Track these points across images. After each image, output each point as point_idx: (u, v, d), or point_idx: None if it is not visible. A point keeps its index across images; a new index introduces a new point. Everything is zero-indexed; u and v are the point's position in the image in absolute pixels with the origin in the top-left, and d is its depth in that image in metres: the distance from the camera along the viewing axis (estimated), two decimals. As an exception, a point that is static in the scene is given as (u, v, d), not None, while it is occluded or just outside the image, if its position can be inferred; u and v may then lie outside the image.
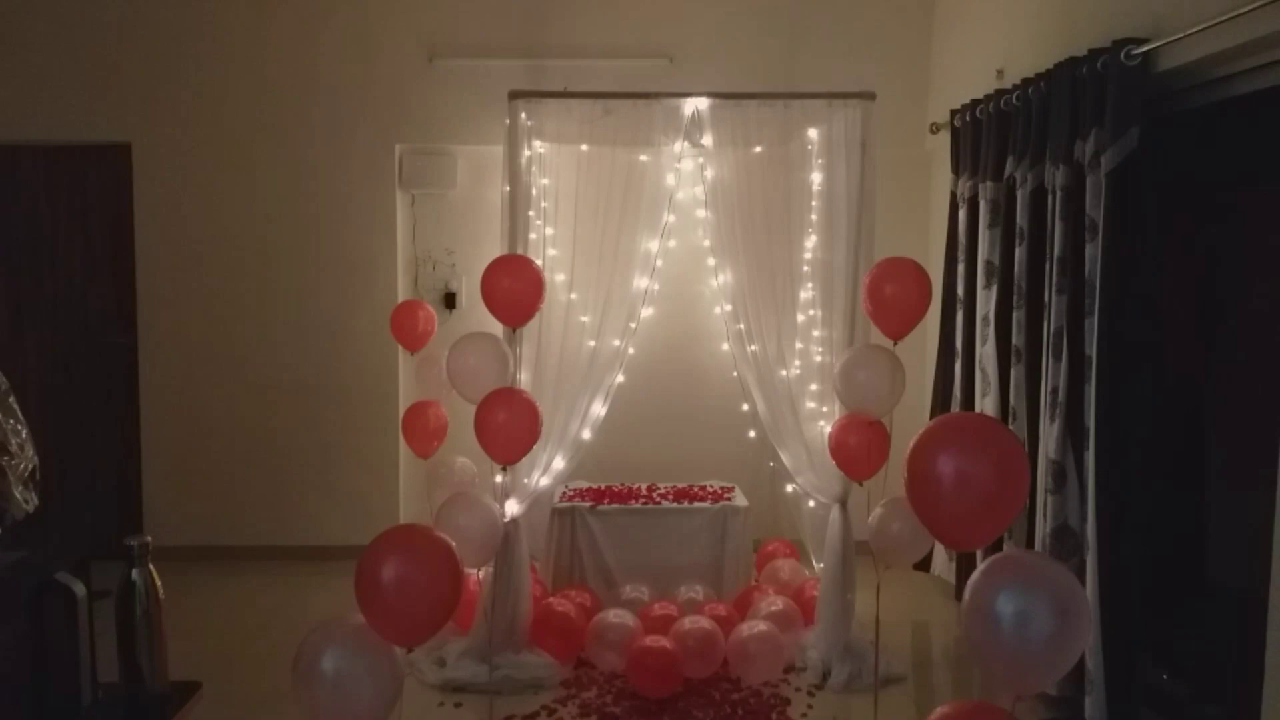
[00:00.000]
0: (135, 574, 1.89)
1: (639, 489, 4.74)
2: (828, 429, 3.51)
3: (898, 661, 3.96)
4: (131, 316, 5.26)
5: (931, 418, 4.95)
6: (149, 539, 1.91)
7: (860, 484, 3.35)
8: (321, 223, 5.26)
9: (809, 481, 4.03)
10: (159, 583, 1.93)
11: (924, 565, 5.05)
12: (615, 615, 3.96)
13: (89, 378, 5.30)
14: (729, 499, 4.57)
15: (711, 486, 4.77)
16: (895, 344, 3.18)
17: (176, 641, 2.04)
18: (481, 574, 3.98)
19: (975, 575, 1.73)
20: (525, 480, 3.85)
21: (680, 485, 4.78)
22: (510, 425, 3.07)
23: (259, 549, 5.27)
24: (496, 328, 3.67)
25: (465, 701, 3.65)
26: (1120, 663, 3.31)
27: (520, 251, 3.77)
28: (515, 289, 3.24)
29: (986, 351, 4.13)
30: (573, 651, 3.97)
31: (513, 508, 3.82)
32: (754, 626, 3.87)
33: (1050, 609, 1.67)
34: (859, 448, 3.24)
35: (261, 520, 5.30)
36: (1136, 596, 3.29)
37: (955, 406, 4.54)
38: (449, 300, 5.40)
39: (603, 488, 4.75)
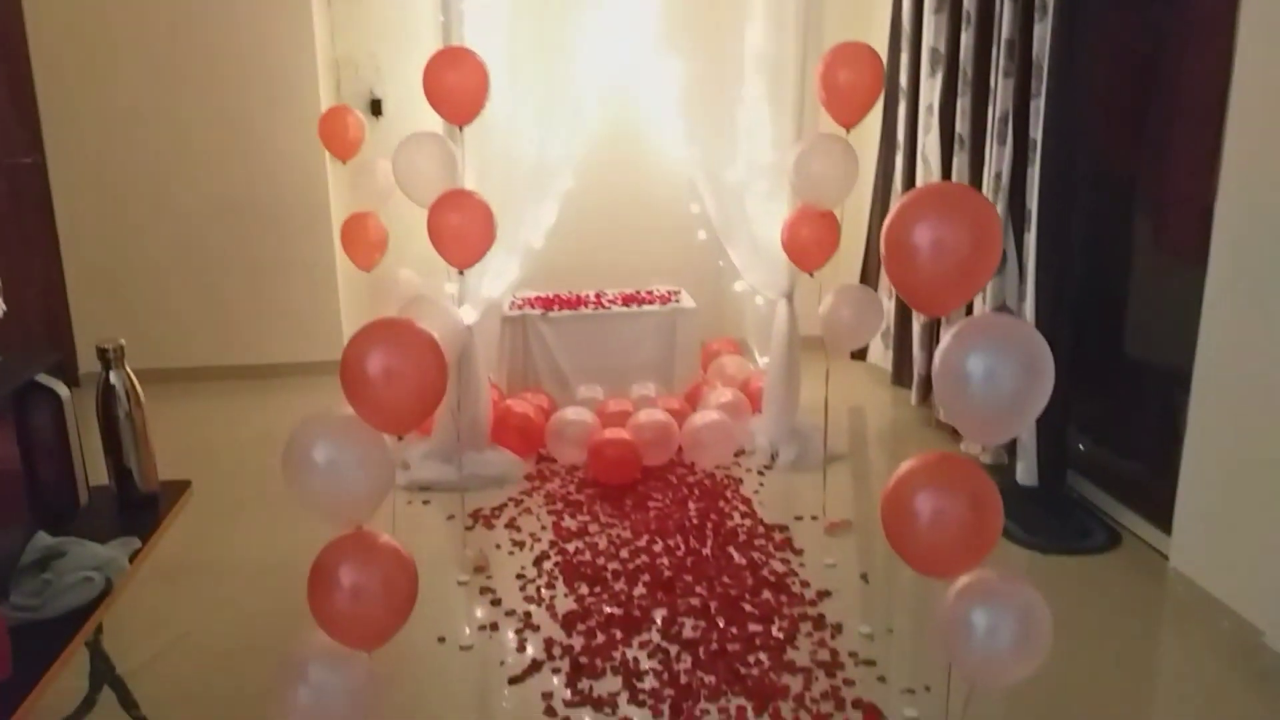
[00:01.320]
0: (113, 376, 1.87)
1: (587, 296, 4.77)
2: (777, 225, 3.54)
3: (839, 441, 4.20)
4: (37, 133, 4.91)
5: (872, 211, 5.02)
6: (122, 341, 1.87)
7: (811, 275, 3.42)
8: (233, 26, 4.89)
9: (757, 278, 4.11)
10: (138, 385, 1.91)
11: (861, 355, 5.28)
12: (574, 413, 4.08)
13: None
14: (676, 301, 4.64)
15: (659, 290, 4.83)
16: (848, 132, 3.18)
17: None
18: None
19: (945, 341, 1.82)
20: (476, 288, 3.83)
21: (628, 291, 4.82)
22: (464, 228, 3.02)
23: (201, 370, 5.20)
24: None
25: (433, 499, 3.78)
26: (1050, 432, 3.57)
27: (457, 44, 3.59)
28: (460, 83, 3.10)
29: (929, 140, 4.16)
30: (533, 449, 4.11)
31: (468, 315, 3.82)
32: (706, 416, 4.04)
33: (1018, 367, 1.78)
34: (811, 240, 3.29)
35: (201, 343, 5.21)
36: (1067, 371, 3.51)
37: (894, 199, 4.61)
38: (374, 107, 5.16)
39: (551, 296, 4.77)
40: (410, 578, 1.96)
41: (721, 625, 2.85)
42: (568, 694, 2.54)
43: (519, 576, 3.17)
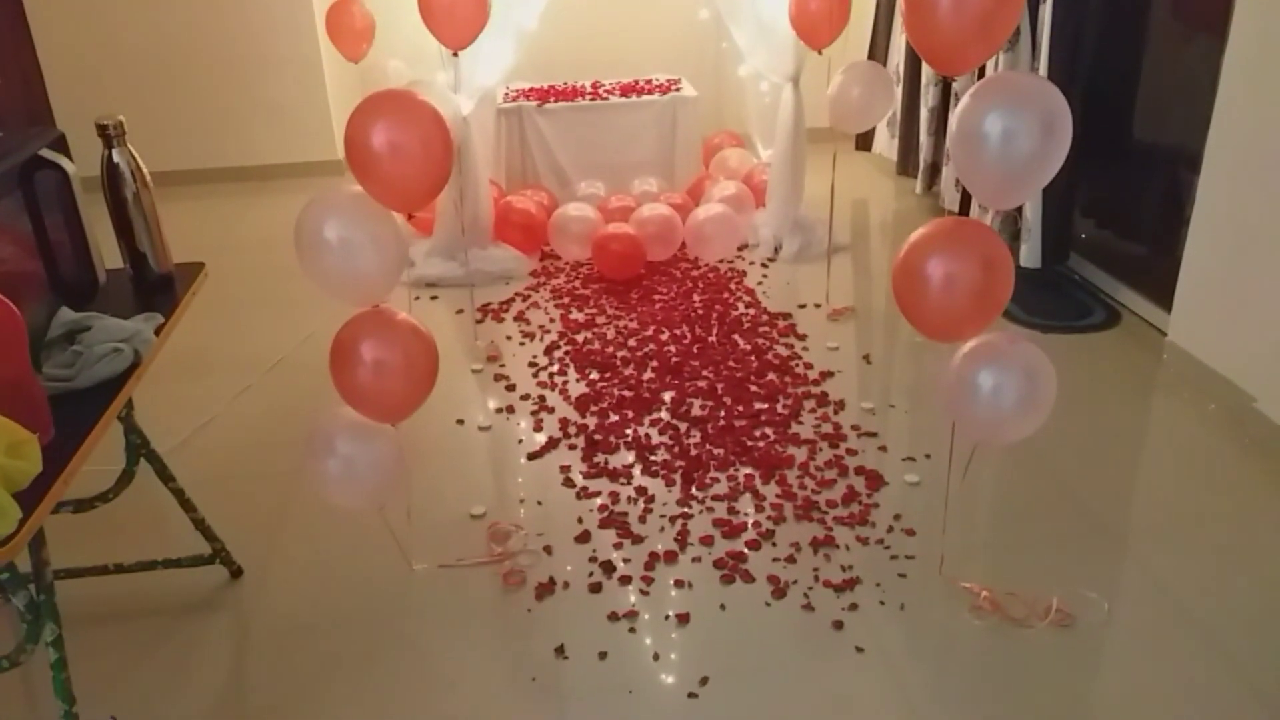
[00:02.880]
0: (116, 155, 1.83)
1: (583, 87, 4.61)
2: (784, 1, 3.37)
3: (842, 232, 4.18)
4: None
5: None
6: (121, 118, 1.82)
7: (819, 53, 3.30)
8: None
9: (762, 60, 3.96)
10: (142, 164, 1.87)
11: (866, 145, 5.17)
12: (576, 208, 4.04)
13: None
14: (677, 90, 4.49)
15: (658, 80, 4.66)
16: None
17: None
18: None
19: (964, 101, 1.78)
20: (470, 76, 3.69)
21: (626, 81, 4.66)
22: (457, 4, 2.87)
23: (191, 173, 5.09)
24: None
25: (441, 295, 3.80)
26: (1057, 213, 3.55)
27: None
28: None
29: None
30: (536, 246, 4.10)
31: (464, 105, 3.71)
32: (709, 209, 4.00)
33: (1037, 125, 1.74)
34: (820, 12, 3.15)
35: (188, 145, 5.06)
36: (1076, 152, 3.44)
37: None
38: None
39: (546, 87, 4.61)
40: (430, 352, 2.01)
41: (728, 404, 2.94)
42: (584, 467, 2.66)
43: (531, 364, 3.24)
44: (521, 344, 3.40)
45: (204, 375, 3.22)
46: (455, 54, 3.07)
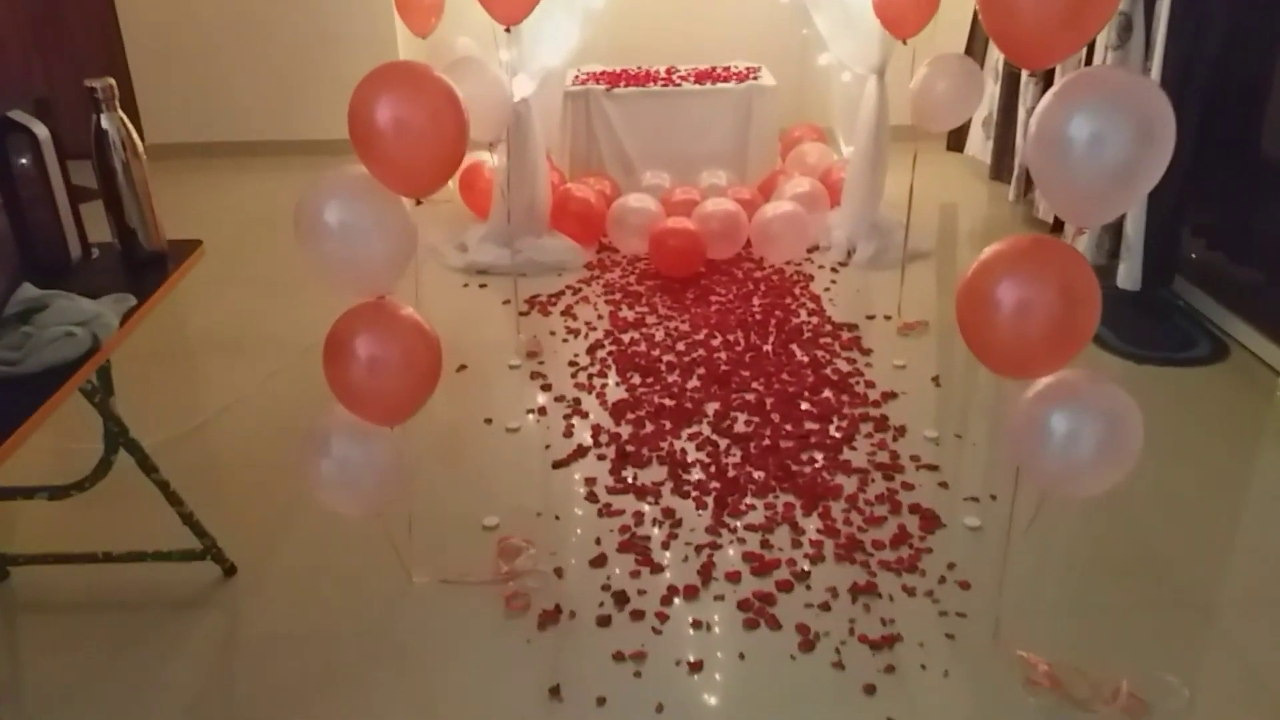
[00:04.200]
0: (105, 120, 1.69)
1: (657, 72, 4.40)
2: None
3: (924, 238, 3.87)
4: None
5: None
6: (111, 80, 1.68)
7: (904, 43, 3.01)
8: None
9: (845, 49, 3.68)
10: (134, 133, 1.74)
11: (958, 146, 4.83)
12: (636, 199, 3.83)
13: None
14: (755, 79, 4.24)
15: (736, 67, 4.41)
16: None
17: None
18: (496, 159, 3.81)
19: (1046, 99, 1.51)
20: (532, 56, 3.51)
21: (702, 67, 4.42)
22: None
23: (259, 144, 5.06)
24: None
25: (490, 283, 3.65)
26: (1162, 230, 3.20)
27: None
28: None
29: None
30: (593, 237, 3.91)
31: (523, 86, 3.53)
32: (779, 207, 3.75)
33: (1133, 132, 1.47)
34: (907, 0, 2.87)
35: (258, 116, 5.03)
36: (1189, 165, 3.09)
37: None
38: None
39: (619, 71, 4.41)
40: (432, 352, 1.83)
41: (776, 421, 2.70)
42: (611, 480, 2.45)
43: (571, 364, 3.05)
44: (565, 340, 3.22)
45: (234, 355, 3.13)
46: (508, 29, 2.88)
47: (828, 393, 2.84)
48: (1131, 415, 1.60)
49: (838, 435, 2.63)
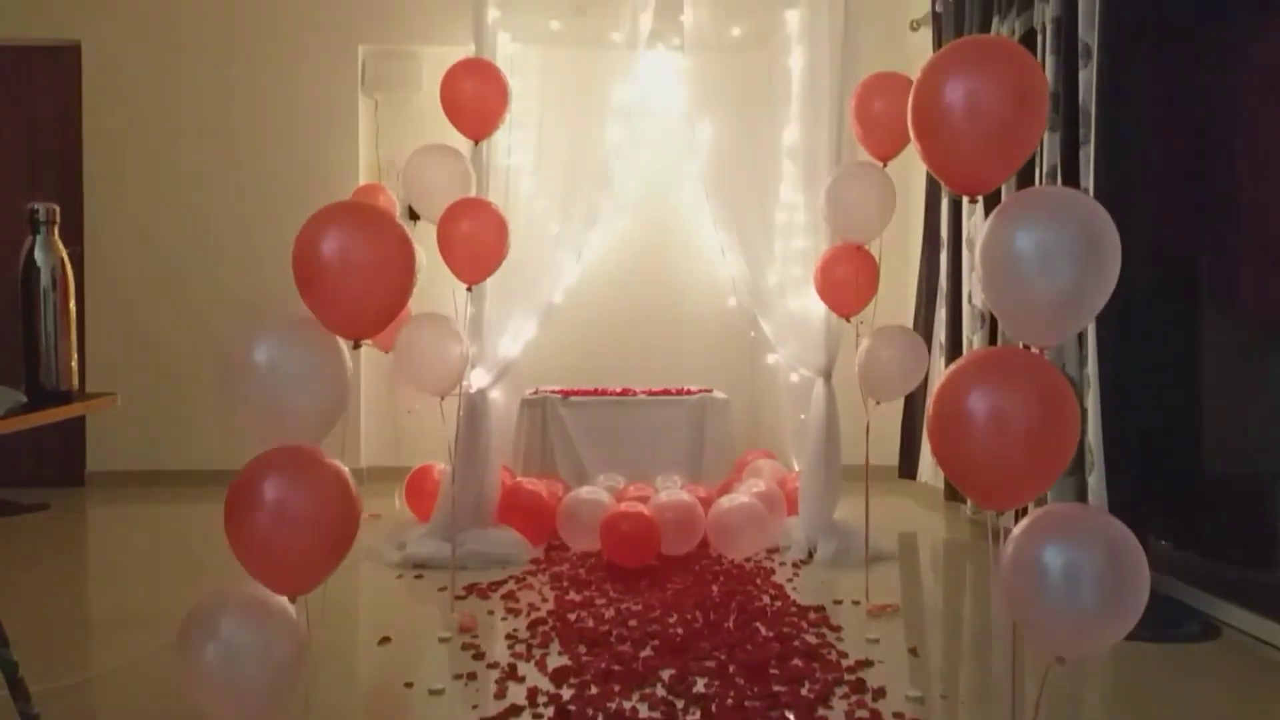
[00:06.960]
0: (38, 248, 1.65)
1: (612, 390, 4.52)
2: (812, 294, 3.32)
3: (886, 540, 3.73)
4: (79, 224, 4.97)
5: (921, 260, 4.71)
6: (56, 206, 1.67)
7: (849, 320, 3.15)
8: (279, 129, 5.02)
9: (792, 352, 3.83)
10: (69, 264, 1.69)
11: (910, 473, 4.86)
12: (589, 492, 3.71)
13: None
14: (708, 394, 4.36)
15: (690, 388, 4.56)
16: (885, 166, 3.00)
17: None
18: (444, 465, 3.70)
19: (988, 223, 1.55)
20: (492, 346, 3.61)
21: (656, 389, 4.57)
22: (476, 236, 2.85)
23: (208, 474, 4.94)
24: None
25: (427, 575, 3.38)
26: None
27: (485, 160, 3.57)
28: (477, 93, 3.06)
29: (975, 223, 3.98)
30: (543, 536, 3.72)
31: (480, 378, 3.58)
32: (736, 499, 3.65)
33: (1077, 243, 1.48)
34: (847, 278, 3.05)
35: (222, 449, 4.97)
36: (1141, 479, 3.09)
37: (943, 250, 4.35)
38: (412, 212, 5.16)
39: (575, 389, 4.53)
40: (350, 502, 1.62)
41: (741, 684, 2.37)
42: (546, 738, 2.08)
43: (509, 637, 2.74)
44: (504, 619, 2.92)
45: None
46: (469, 288, 2.99)
47: (797, 660, 2.54)
48: (1132, 549, 1.43)
49: (810, 696, 2.31)
